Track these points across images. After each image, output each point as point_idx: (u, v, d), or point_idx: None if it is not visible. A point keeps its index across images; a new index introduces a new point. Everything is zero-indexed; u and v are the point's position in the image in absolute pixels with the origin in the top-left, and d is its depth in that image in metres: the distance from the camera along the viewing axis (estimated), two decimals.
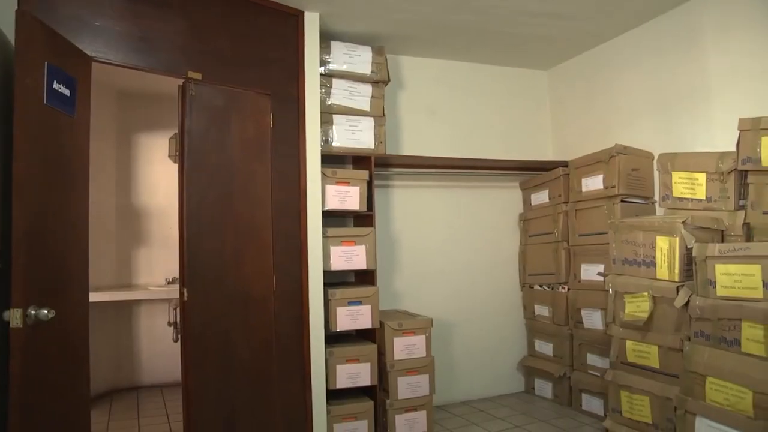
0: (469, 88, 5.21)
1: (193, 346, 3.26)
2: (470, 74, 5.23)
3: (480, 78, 5.27)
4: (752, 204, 3.36)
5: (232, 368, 3.42)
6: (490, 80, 5.31)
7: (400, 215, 4.84)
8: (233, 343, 3.43)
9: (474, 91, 5.23)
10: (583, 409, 4.53)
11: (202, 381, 3.29)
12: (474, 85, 5.24)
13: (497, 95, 5.34)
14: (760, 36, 3.65)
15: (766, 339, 2.83)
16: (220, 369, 3.36)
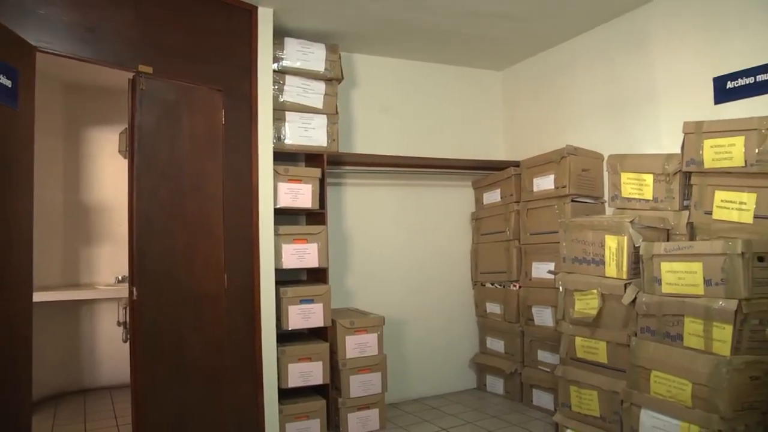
0: (422, 88, 5.24)
1: (143, 346, 3.21)
2: (424, 73, 5.26)
3: (434, 77, 5.31)
4: (695, 204, 3.46)
5: (183, 368, 3.37)
6: (443, 80, 5.35)
7: (353, 213, 4.84)
8: (185, 342, 3.39)
9: (428, 90, 5.27)
10: (533, 405, 4.60)
11: (153, 381, 3.24)
12: (428, 84, 5.27)
13: (451, 95, 5.38)
14: (703, 43, 3.77)
15: (706, 333, 2.93)
16: (171, 369, 3.31)
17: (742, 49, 3.54)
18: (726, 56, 3.63)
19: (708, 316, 2.92)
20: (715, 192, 3.35)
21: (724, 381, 2.78)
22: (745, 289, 2.83)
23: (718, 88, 3.66)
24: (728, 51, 3.62)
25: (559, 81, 4.94)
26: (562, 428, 3.72)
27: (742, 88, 3.53)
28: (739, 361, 2.82)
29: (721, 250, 2.91)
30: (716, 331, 2.89)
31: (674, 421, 2.98)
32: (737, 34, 3.58)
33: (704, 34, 3.77)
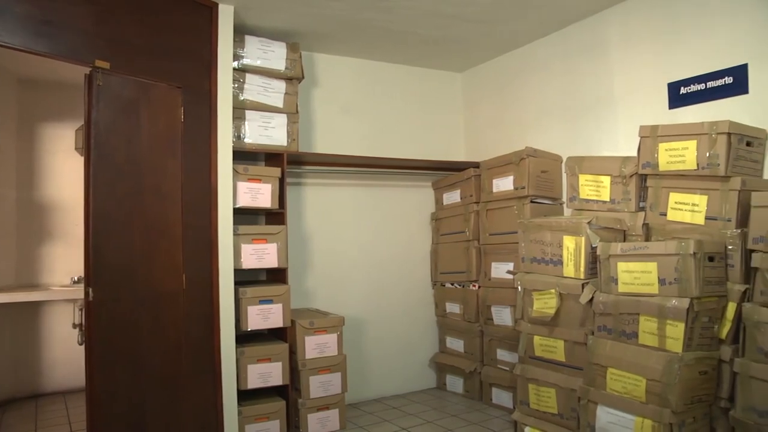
0: (383, 88, 5.26)
1: (100, 349, 3.14)
2: (385, 74, 5.28)
3: (395, 78, 5.33)
4: (651, 206, 3.55)
5: (141, 370, 3.31)
6: (405, 80, 5.38)
7: (313, 213, 4.83)
8: (143, 344, 3.33)
9: (389, 90, 5.28)
10: (493, 403, 4.65)
11: (109, 385, 3.18)
12: (389, 84, 5.29)
13: (412, 95, 5.41)
14: (658, 49, 3.88)
15: (660, 331, 3.02)
16: (128, 371, 3.25)
17: (694, 56, 3.66)
18: (680, 63, 3.74)
19: (662, 314, 3.00)
20: (669, 194, 3.44)
21: (676, 376, 2.88)
22: (696, 288, 2.92)
23: (672, 93, 3.77)
24: (682, 58, 3.73)
25: (519, 83, 5.00)
26: (520, 426, 3.78)
27: (694, 93, 3.65)
28: (690, 357, 2.92)
29: (674, 250, 3.00)
30: (669, 328, 2.98)
31: (629, 416, 3.06)
32: (690, 41, 3.69)
33: (659, 41, 3.87)
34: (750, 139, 3.24)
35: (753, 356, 2.92)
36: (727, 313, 3.09)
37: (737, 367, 2.96)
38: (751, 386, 2.89)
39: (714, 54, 3.56)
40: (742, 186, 3.11)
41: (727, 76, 3.48)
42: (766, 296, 2.92)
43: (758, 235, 2.98)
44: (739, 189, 3.11)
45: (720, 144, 3.14)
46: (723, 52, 3.52)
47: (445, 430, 4.14)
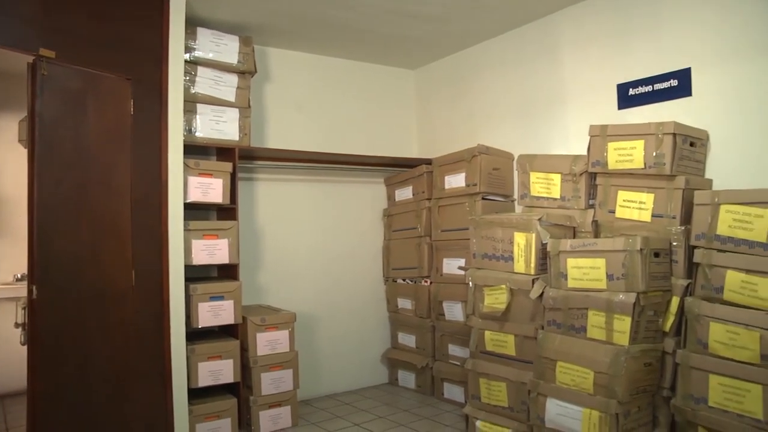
0: (337, 84, 5.25)
1: (43, 349, 3.01)
2: (338, 70, 5.27)
3: (348, 74, 5.32)
4: (600, 203, 3.64)
5: (87, 370, 3.19)
6: (358, 77, 5.38)
7: (265, 209, 4.79)
8: (89, 343, 3.21)
9: (342, 86, 5.28)
10: (444, 398, 4.70)
11: (53, 387, 3.04)
12: (342, 80, 5.28)
13: (365, 92, 5.42)
14: (608, 51, 4.00)
15: (607, 325, 3.11)
16: (73, 372, 3.12)
17: (642, 59, 3.78)
18: (629, 65, 3.86)
19: (609, 308, 3.09)
20: (618, 192, 3.53)
21: (622, 368, 2.97)
22: (642, 283, 3.01)
23: (621, 94, 3.89)
24: (631, 60, 3.85)
25: (472, 82, 5.06)
26: (472, 420, 3.82)
27: (642, 95, 3.77)
28: (635, 349, 3.02)
29: (622, 246, 3.08)
30: (617, 322, 3.07)
31: (577, 408, 3.14)
32: (639, 45, 3.81)
33: (609, 44, 3.99)
34: (693, 140, 3.37)
35: (693, 347, 3.05)
36: (671, 307, 3.21)
37: (679, 358, 3.09)
38: (691, 376, 3.02)
39: (661, 57, 3.69)
40: (686, 185, 3.23)
41: (673, 79, 3.62)
42: (706, 290, 3.05)
43: (700, 231, 3.11)
44: (683, 188, 3.23)
45: (666, 144, 3.25)
46: (669, 56, 3.65)
47: (397, 425, 4.17)
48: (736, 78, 3.37)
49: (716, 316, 2.95)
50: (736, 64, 3.36)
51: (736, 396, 2.84)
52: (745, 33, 3.33)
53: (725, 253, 3.00)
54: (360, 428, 4.13)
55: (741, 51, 3.34)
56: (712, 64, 3.46)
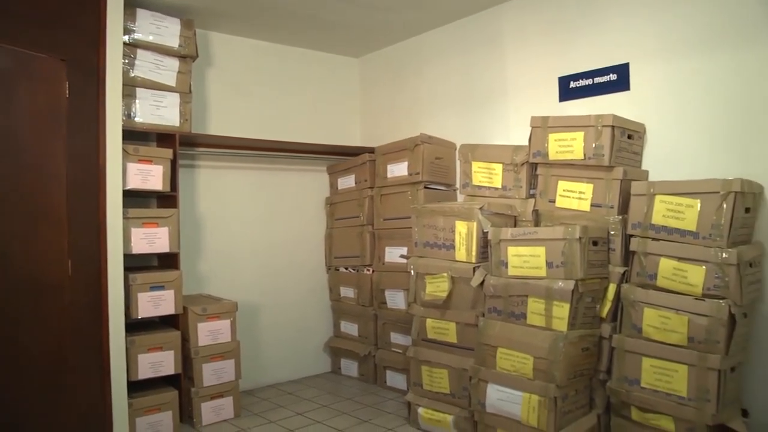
0: (280, 70, 5.18)
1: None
2: (282, 56, 5.21)
3: (292, 61, 5.26)
4: (540, 193, 3.71)
5: (18, 367, 3.04)
6: (302, 64, 5.33)
7: (207, 196, 4.71)
8: (21, 338, 3.07)
9: (285, 73, 5.22)
10: (387, 385, 4.74)
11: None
12: (286, 67, 5.22)
13: (309, 79, 5.37)
14: (550, 44, 4.08)
15: (546, 312, 3.19)
16: (2, 370, 2.97)
17: (583, 52, 3.88)
18: (570, 58, 3.96)
19: (549, 295, 3.17)
20: (558, 182, 3.61)
21: (561, 354, 3.05)
22: (581, 271, 3.10)
23: (562, 86, 3.99)
24: (572, 54, 3.95)
25: (416, 71, 5.09)
26: (414, 407, 3.86)
27: (582, 88, 3.88)
28: (573, 335, 3.11)
29: (561, 235, 3.16)
30: (556, 309, 3.15)
31: (517, 393, 3.21)
32: (580, 38, 3.91)
33: (551, 37, 4.07)
34: (631, 133, 3.48)
35: (628, 332, 3.17)
36: (608, 294, 3.32)
37: (615, 343, 3.21)
38: (625, 358, 3.15)
39: (601, 52, 3.80)
40: (624, 176, 3.33)
41: (612, 73, 3.73)
42: (641, 277, 3.17)
43: (636, 221, 3.22)
44: (621, 178, 3.33)
45: (605, 136, 3.34)
46: (609, 51, 3.76)
47: (340, 413, 4.19)
48: (672, 74, 3.50)
49: (650, 301, 3.08)
50: (672, 60, 3.49)
51: (665, 376, 3.00)
52: (681, 31, 3.46)
53: (659, 241, 3.12)
54: (303, 417, 4.13)
55: (677, 48, 3.47)
56: (650, 60, 3.59)
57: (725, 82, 3.28)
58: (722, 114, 3.29)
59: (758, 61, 3.16)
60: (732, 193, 2.88)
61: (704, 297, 2.93)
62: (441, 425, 3.70)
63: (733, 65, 3.25)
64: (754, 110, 3.18)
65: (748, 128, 3.20)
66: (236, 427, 3.99)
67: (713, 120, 3.33)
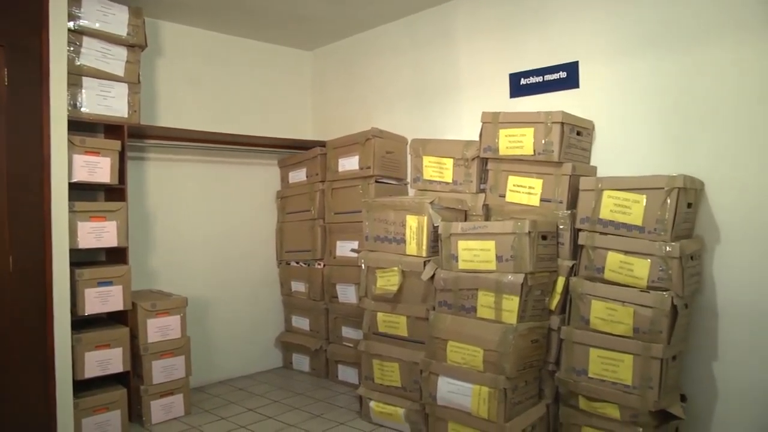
0: (232, 62, 5.11)
1: None
2: (234, 48, 5.14)
3: (244, 53, 5.20)
4: (491, 188, 3.76)
5: None
6: (254, 56, 5.27)
7: (156, 190, 4.62)
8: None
9: (237, 65, 5.15)
10: (339, 380, 4.74)
11: None
12: (238, 59, 5.15)
13: (261, 72, 5.31)
14: (502, 41, 4.14)
15: (496, 305, 3.24)
16: None
17: (534, 50, 3.96)
18: (521, 56, 4.03)
19: (498, 289, 3.22)
20: (508, 177, 3.67)
21: (510, 346, 3.10)
22: (530, 264, 3.16)
23: (513, 83, 4.05)
24: (523, 51, 4.02)
25: (369, 65, 5.09)
26: (365, 400, 3.88)
27: (533, 85, 3.95)
28: (523, 327, 3.17)
29: (511, 229, 3.21)
30: (505, 302, 3.20)
31: (467, 385, 3.26)
32: (531, 36, 3.98)
33: (503, 34, 4.13)
34: (580, 129, 3.56)
35: (576, 324, 3.24)
36: (556, 287, 3.40)
37: (563, 334, 3.28)
38: (573, 350, 3.22)
39: (551, 50, 3.88)
40: (573, 171, 3.41)
41: (562, 71, 3.81)
42: (589, 270, 3.24)
43: (584, 215, 3.29)
44: (569, 174, 3.41)
45: (554, 132, 3.41)
46: (559, 49, 3.84)
47: (291, 408, 4.17)
48: (619, 73, 3.60)
49: (597, 294, 3.16)
50: (619, 60, 3.59)
51: (611, 366, 3.09)
52: (628, 32, 3.56)
53: (607, 235, 3.20)
54: (254, 413, 4.10)
55: (624, 48, 3.57)
56: (598, 59, 3.68)
57: (669, 82, 3.40)
58: (667, 112, 3.41)
59: (699, 62, 3.29)
60: (675, 189, 2.98)
61: (649, 289, 3.03)
62: (392, 418, 3.73)
63: (677, 66, 3.37)
64: (696, 109, 3.30)
65: (690, 126, 3.32)
66: (187, 424, 3.93)
67: (658, 118, 3.44)
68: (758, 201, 3.10)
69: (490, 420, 3.16)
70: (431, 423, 3.48)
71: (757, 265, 3.12)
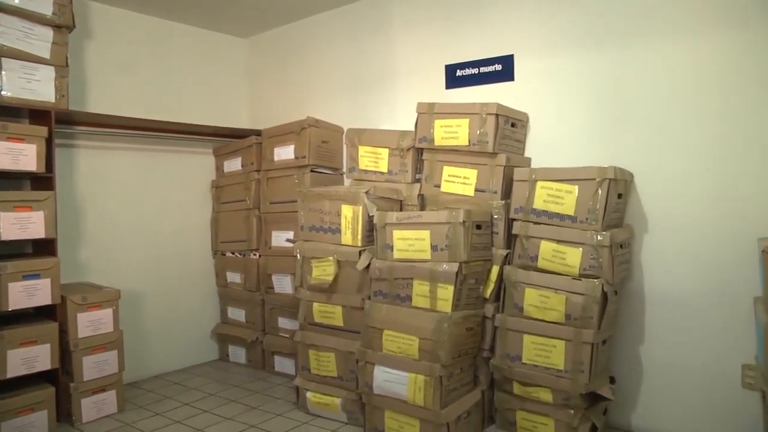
0: (166, 48, 4.98)
1: None
2: (168, 33, 5.00)
3: (178, 38, 5.07)
4: (426, 177, 3.79)
5: None
6: (188, 41, 5.15)
7: (87, 179, 4.46)
8: None
9: (171, 51, 5.02)
10: (276, 371, 4.72)
11: None
12: (172, 44, 5.02)
13: (196, 58, 5.21)
14: (439, 32, 4.19)
15: (431, 294, 3.27)
16: None
17: (470, 43, 4.02)
18: (457, 48, 4.08)
19: (433, 278, 3.25)
20: (443, 167, 3.70)
21: (445, 334, 3.14)
22: (465, 254, 3.20)
23: (449, 75, 4.11)
24: (459, 43, 4.07)
25: (305, 54, 5.05)
26: (302, 391, 3.87)
27: (468, 77, 4.00)
28: (458, 315, 3.21)
29: (445, 219, 3.24)
30: (440, 291, 3.23)
31: (403, 374, 3.28)
32: (467, 28, 4.02)
33: (440, 25, 4.17)
34: (514, 121, 3.63)
35: (510, 311, 3.32)
36: (491, 275, 3.46)
37: (497, 322, 3.36)
38: (507, 337, 3.31)
39: (487, 42, 3.95)
40: (507, 162, 3.48)
41: (497, 63, 3.88)
42: (523, 259, 3.31)
43: (518, 205, 3.36)
44: (504, 165, 3.47)
45: (489, 124, 3.46)
46: (495, 42, 3.92)
47: (228, 401, 4.13)
48: (553, 67, 3.70)
49: (531, 282, 3.24)
50: (553, 54, 3.69)
51: (544, 352, 3.18)
52: (563, 26, 3.66)
53: (540, 225, 3.28)
54: (190, 407, 4.04)
55: (558, 43, 3.67)
56: (533, 53, 3.77)
57: (602, 76, 3.53)
58: (598, 106, 3.54)
59: (629, 58, 3.42)
60: (606, 180, 3.08)
61: (581, 277, 3.13)
62: (329, 408, 3.73)
63: (608, 61, 3.50)
64: (626, 103, 3.45)
65: (621, 119, 3.47)
66: (120, 422, 3.83)
67: (591, 111, 3.57)
68: (683, 191, 3.27)
69: (426, 407, 3.20)
70: (368, 412, 3.50)
71: (682, 252, 3.29)
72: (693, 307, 3.26)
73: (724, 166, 3.15)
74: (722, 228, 3.16)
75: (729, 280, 3.14)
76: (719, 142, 3.16)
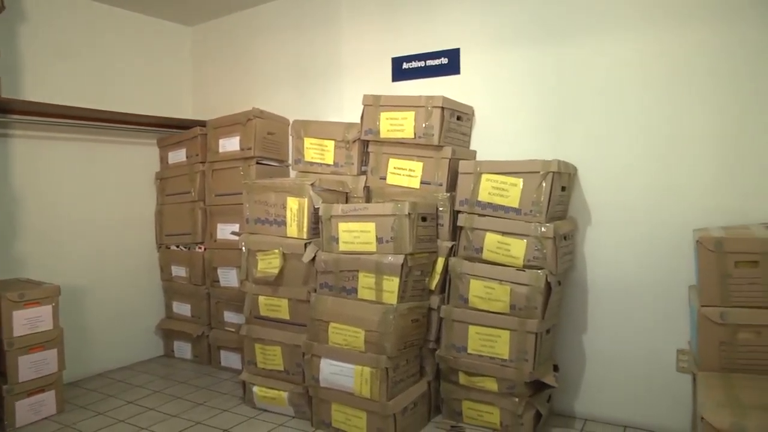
0: (107, 34, 4.81)
1: None
2: (109, 18, 4.83)
3: (119, 23, 4.90)
4: (372, 170, 3.78)
5: None
6: (130, 28, 4.99)
7: (23, 170, 4.28)
8: None
9: (113, 37, 4.86)
10: (222, 366, 4.67)
11: None
12: (112, 30, 4.85)
13: (139, 45, 5.06)
14: (385, 25, 4.20)
15: (377, 286, 3.27)
16: None
17: (416, 35, 4.04)
18: (404, 40, 4.10)
19: (379, 270, 3.25)
20: (389, 160, 3.71)
21: (391, 326, 3.15)
22: (410, 245, 3.20)
23: (395, 67, 4.11)
24: (406, 36, 4.09)
25: (251, 44, 4.98)
26: (249, 385, 3.83)
27: (414, 69, 4.02)
28: (403, 307, 3.22)
29: (391, 211, 3.25)
30: (386, 283, 3.24)
31: (349, 366, 3.28)
32: (413, 21, 4.06)
33: (386, 18, 4.18)
34: (460, 114, 3.66)
35: (455, 303, 3.35)
36: (436, 267, 3.48)
37: (443, 313, 3.39)
38: (453, 328, 3.34)
39: (433, 36, 3.97)
40: (452, 155, 3.50)
41: (443, 57, 3.91)
42: (468, 251, 3.35)
43: (463, 198, 3.38)
44: (449, 157, 3.49)
45: (435, 117, 3.47)
46: (441, 36, 3.94)
47: (173, 398, 4.07)
48: (498, 61, 3.75)
49: (476, 273, 3.27)
50: (499, 49, 3.73)
51: (489, 342, 3.22)
52: (509, 21, 3.71)
53: (485, 217, 3.32)
54: (135, 406, 3.95)
55: (504, 38, 3.72)
56: (479, 47, 3.81)
57: (546, 71, 3.59)
58: (542, 100, 3.60)
59: (573, 54, 3.50)
60: (550, 173, 3.13)
61: (525, 268, 3.17)
62: (276, 402, 3.70)
63: (552, 56, 3.57)
64: (570, 98, 3.52)
65: (564, 114, 3.54)
66: (59, 423, 3.70)
67: (535, 105, 3.63)
68: (624, 184, 3.38)
69: (373, 399, 3.21)
70: (315, 405, 3.49)
71: (623, 243, 3.38)
72: (633, 296, 3.37)
73: (662, 160, 3.25)
74: (660, 219, 3.27)
75: (666, 269, 3.25)
76: (659, 136, 3.26)
